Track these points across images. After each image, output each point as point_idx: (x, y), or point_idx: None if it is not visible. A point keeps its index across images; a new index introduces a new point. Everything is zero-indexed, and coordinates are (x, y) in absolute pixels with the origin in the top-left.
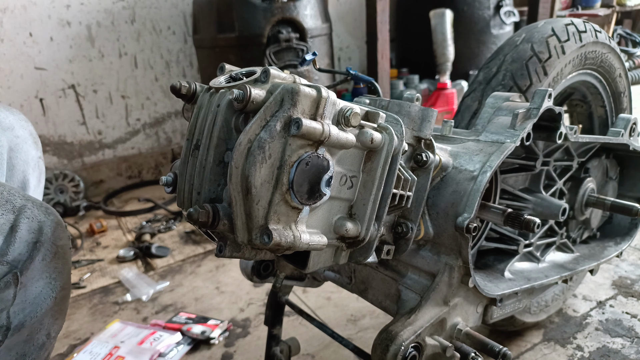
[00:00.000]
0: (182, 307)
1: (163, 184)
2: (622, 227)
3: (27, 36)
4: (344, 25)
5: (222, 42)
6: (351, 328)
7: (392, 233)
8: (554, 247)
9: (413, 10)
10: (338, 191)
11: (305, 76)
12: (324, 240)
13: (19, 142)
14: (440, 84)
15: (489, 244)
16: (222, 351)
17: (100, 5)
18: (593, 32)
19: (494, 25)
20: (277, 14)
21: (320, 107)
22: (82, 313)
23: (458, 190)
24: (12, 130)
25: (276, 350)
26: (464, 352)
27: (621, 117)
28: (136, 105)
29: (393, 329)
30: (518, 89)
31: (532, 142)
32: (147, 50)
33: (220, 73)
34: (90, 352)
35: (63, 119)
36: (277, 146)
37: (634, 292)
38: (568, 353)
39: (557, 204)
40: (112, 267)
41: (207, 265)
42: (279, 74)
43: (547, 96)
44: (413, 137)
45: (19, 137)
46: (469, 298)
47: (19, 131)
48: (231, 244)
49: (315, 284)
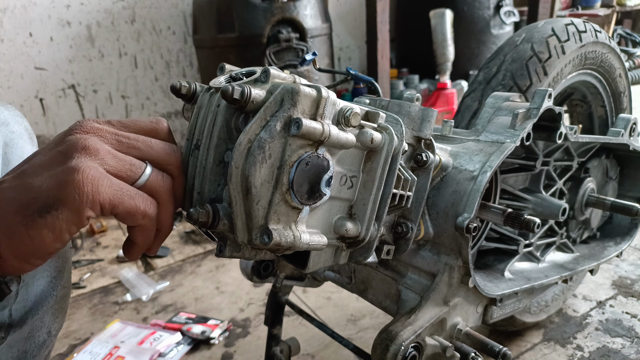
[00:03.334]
0: (182, 307)
1: None
2: (622, 227)
3: (27, 36)
4: (344, 25)
5: (222, 42)
6: (351, 328)
7: (392, 233)
8: (554, 247)
9: (413, 10)
10: (338, 191)
11: (305, 76)
12: (324, 240)
13: (14, 138)
14: (440, 84)
15: (489, 244)
16: (222, 351)
17: (100, 5)
18: (593, 32)
19: (494, 25)
20: (277, 14)
21: (320, 107)
22: (82, 313)
23: (458, 190)
24: (7, 125)
25: (276, 350)
26: (464, 352)
27: (621, 117)
28: (136, 105)
29: (393, 329)
30: (518, 89)
31: (532, 142)
32: (147, 50)
33: (220, 73)
34: (90, 352)
35: (63, 119)
36: (277, 146)
37: (634, 292)
38: (568, 353)
39: (557, 204)
40: (112, 267)
41: (207, 265)
42: (279, 74)
43: (547, 96)
44: (413, 137)
45: (14, 133)
46: (469, 298)
47: (14, 127)
48: (231, 244)
49: (315, 284)
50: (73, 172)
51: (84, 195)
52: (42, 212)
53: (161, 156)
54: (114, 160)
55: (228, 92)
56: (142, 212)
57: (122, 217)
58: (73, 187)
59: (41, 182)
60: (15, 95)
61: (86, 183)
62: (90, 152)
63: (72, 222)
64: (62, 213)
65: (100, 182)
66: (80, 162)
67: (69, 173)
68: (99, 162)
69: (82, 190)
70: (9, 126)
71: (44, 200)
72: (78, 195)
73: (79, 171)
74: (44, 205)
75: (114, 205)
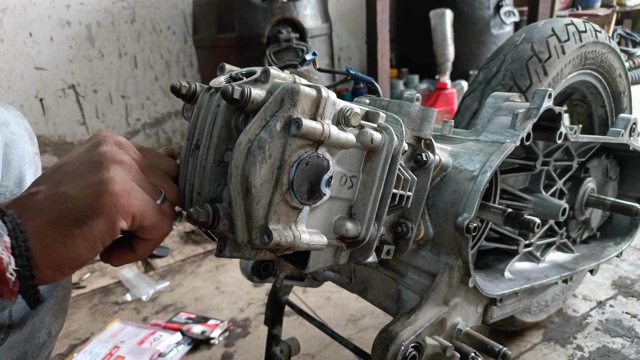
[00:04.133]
0: (182, 307)
1: None
2: (622, 227)
3: (27, 36)
4: (344, 25)
5: (222, 42)
6: (351, 328)
7: (392, 233)
8: (554, 247)
9: (413, 10)
10: (338, 191)
11: (305, 76)
12: (324, 240)
13: (14, 138)
14: (440, 84)
15: (489, 244)
16: (222, 351)
17: (100, 5)
18: (593, 32)
19: (494, 25)
20: (277, 14)
21: (320, 107)
22: (82, 313)
23: (458, 190)
24: (8, 126)
25: (276, 350)
26: (464, 352)
27: (621, 117)
28: (136, 105)
29: (393, 329)
30: (518, 89)
31: (532, 142)
32: (147, 50)
33: (220, 73)
34: (90, 352)
35: (63, 119)
36: (277, 146)
37: (634, 292)
38: (568, 353)
39: (557, 204)
40: (112, 267)
41: (207, 265)
42: (279, 74)
43: (547, 96)
44: (413, 137)
45: (15, 133)
46: (469, 298)
47: (14, 127)
48: (231, 244)
49: (315, 284)
50: (110, 183)
51: (120, 206)
52: (78, 222)
53: (170, 191)
54: (141, 178)
55: (228, 92)
56: (162, 228)
57: (145, 230)
58: (110, 198)
59: (77, 192)
60: (15, 95)
61: (122, 194)
62: (125, 166)
63: (106, 233)
64: (97, 223)
65: (134, 195)
66: (116, 175)
67: (106, 184)
68: (131, 176)
69: (118, 202)
70: (10, 127)
71: (80, 211)
72: (114, 206)
73: (115, 183)
74: (80, 216)
75: (144, 217)
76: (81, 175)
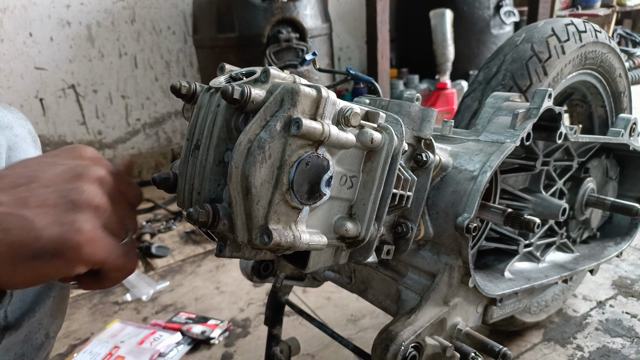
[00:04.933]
0: (182, 307)
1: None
2: (622, 227)
3: (27, 36)
4: (344, 25)
5: (222, 42)
6: (351, 328)
7: (392, 233)
8: (554, 247)
9: (413, 10)
10: (338, 191)
11: (305, 76)
12: (324, 240)
13: (17, 141)
14: (440, 84)
15: (489, 244)
16: (222, 351)
17: (100, 5)
18: (593, 32)
19: (494, 25)
20: (277, 14)
21: (320, 107)
22: (82, 313)
23: (458, 190)
24: (11, 129)
25: (276, 350)
26: (464, 352)
27: (621, 117)
28: (136, 105)
29: (393, 328)
30: (518, 89)
31: (532, 142)
32: (147, 50)
33: (220, 73)
34: (90, 352)
35: (63, 119)
36: (277, 146)
37: (634, 292)
38: (568, 353)
39: (557, 204)
40: None
41: (207, 265)
42: (279, 74)
43: (547, 96)
44: (413, 137)
45: (18, 136)
46: (469, 298)
47: (17, 130)
48: (231, 244)
49: (315, 284)
50: (77, 233)
51: (84, 254)
52: (37, 256)
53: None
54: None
55: (228, 92)
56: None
57: (107, 272)
58: (74, 248)
59: (43, 226)
60: (15, 95)
61: (88, 244)
62: (99, 211)
63: (62, 272)
64: (55, 264)
65: (100, 243)
66: (85, 224)
67: (73, 233)
68: (100, 221)
69: (83, 250)
70: (13, 129)
71: (41, 246)
72: (76, 255)
73: (82, 233)
74: (40, 251)
75: (104, 263)
76: (52, 206)
